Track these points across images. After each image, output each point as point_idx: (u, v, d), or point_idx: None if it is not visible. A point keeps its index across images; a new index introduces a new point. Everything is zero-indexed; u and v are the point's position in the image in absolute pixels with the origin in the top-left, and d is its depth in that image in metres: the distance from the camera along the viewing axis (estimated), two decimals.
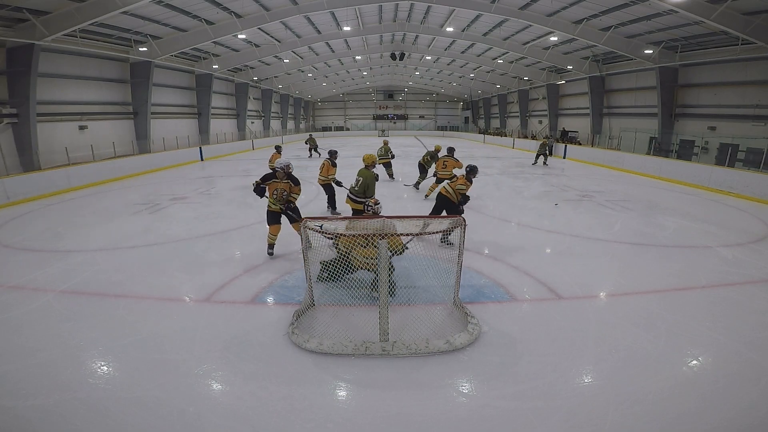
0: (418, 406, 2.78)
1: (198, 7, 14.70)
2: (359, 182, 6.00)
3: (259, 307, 4.24)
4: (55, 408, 2.75)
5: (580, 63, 21.78)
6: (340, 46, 25.63)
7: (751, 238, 6.61)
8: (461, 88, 41.00)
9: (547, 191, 10.82)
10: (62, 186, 11.26)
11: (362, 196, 5.99)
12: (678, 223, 7.61)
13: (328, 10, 16.69)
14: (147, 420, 2.64)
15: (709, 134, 15.90)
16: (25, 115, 12.50)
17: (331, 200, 8.10)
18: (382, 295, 3.33)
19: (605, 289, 4.68)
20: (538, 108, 30.69)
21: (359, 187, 5.99)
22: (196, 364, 3.22)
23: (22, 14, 11.40)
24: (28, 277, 5.05)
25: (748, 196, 9.86)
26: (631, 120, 20.37)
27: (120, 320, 3.96)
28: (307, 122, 47.79)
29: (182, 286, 4.80)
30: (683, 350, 3.42)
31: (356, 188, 6.06)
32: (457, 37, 21.46)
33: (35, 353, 3.38)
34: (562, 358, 3.28)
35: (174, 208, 9.03)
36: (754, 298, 4.39)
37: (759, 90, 14.03)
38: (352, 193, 6.11)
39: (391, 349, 3.34)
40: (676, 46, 16.14)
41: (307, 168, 16.27)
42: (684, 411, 2.69)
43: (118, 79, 17.14)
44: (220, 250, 6.11)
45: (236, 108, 28.81)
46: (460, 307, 3.92)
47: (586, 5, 14.47)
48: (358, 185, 6.02)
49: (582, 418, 2.63)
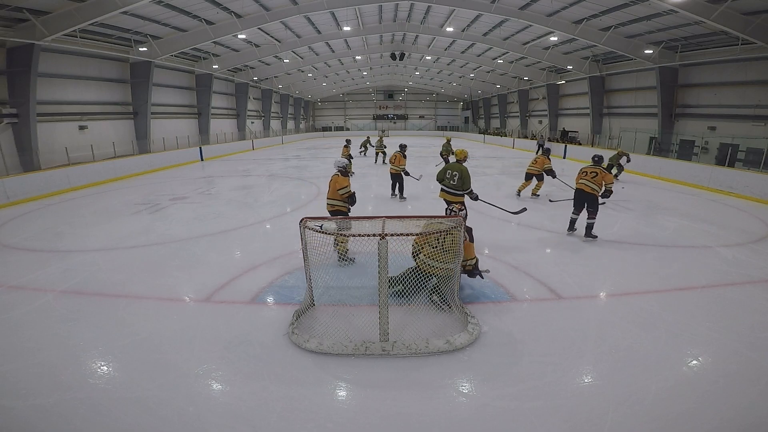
0: (418, 406, 2.78)
1: (198, 7, 14.70)
2: (455, 176, 6.12)
3: (259, 307, 4.24)
4: (55, 408, 2.75)
5: (580, 63, 21.78)
6: (340, 46, 25.62)
7: (751, 238, 6.61)
8: (461, 88, 40.99)
9: (547, 191, 10.81)
10: (62, 186, 11.26)
11: (460, 189, 6.11)
12: (678, 223, 7.61)
13: (328, 10, 16.68)
14: (147, 420, 2.64)
15: (709, 134, 15.90)
16: (25, 115, 12.50)
17: (401, 188, 9.49)
18: (382, 295, 3.33)
19: (605, 289, 4.68)
20: (538, 108, 30.68)
21: (456, 182, 6.13)
22: (196, 364, 3.22)
23: (22, 14, 11.40)
24: (28, 277, 5.05)
25: (748, 196, 9.86)
26: (631, 120, 20.37)
27: (120, 320, 3.96)
28: (307, 122, 47.77)
29: (182, 286, 4.80)
30: (683, 350, 3.42)
31: (453, 182, 6.17)
32: (457, 37, 21.45)
33: (35, 353, 3.38)
34: (562, 358, 3.28)
35: (174, 208, 9.04)
36: (754, 298, 4.39)
37: (759, 90, 14.03)
38: (448, 186, 6.22)
39: (391, 349, 3.34)
40: (676, 46, 16.14)
41: (306, 168, 16.28)
42: (684, 411, 2.69)
43: (118, 79, 17.13)
44: (220, 250, 6.11)
45: (236, 108, 28.81)
46: (460, 307, 3.92)
47: (586, 5, 14.47)
48: (455, 179, 6.14)
49: (582, 418, 2.63)
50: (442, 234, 3.80)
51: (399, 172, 9.47)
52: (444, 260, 3.88)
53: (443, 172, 6.29)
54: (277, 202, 9.58)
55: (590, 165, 6.50)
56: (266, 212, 8.57)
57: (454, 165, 6.24)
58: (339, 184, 5.51)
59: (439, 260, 3.91)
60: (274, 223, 7.78)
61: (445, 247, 3.81)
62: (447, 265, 3.89)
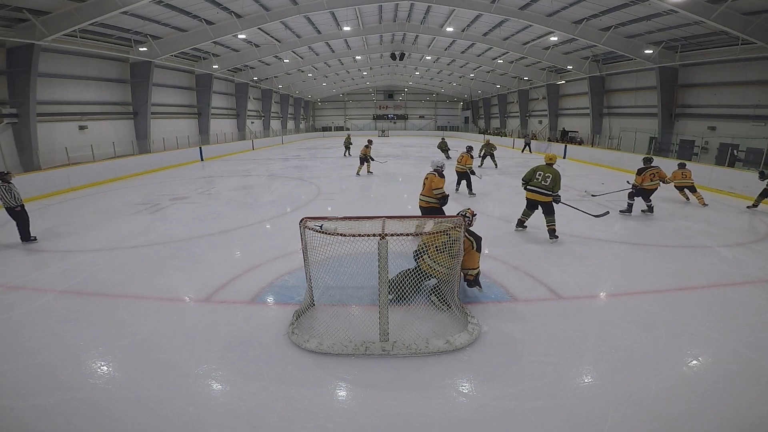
0: (418, 406, 2.78)
1: (198, 7, 14.70)
2: (548, 178, 6.30)
3: (259, 307, 4.24)
4: (55, 408, 2.74)
5: (580, 63, 21.78)
6: (340, 46, 25.62)
7: (751, 238, 6.61)
8: (461, 88, 40.99)
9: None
10: (62, 186, 11.26)
11: (550, 190, 6.28)
12: (678, 223, 7.61)
13: (328, 10, 16.68)
14: (147, 420, 2.64)
15: (709, 134, 15.90)
16: (25, 115, 12.50)
17: (468, 185, 10.23)
18: (382, 295, 3.33)
19: (605, 289, 4.68)
20: (538, 108, 30.68)
21: (549, 183, 6.32)
22: (196, 364, 3.22)
23: (22, 14, 11.40)
24: (28, 277, 5.05)
25: (748, 196, 9.85)
26: (631, 120, 20.37)
27: (120, 320, 3.95)
28: (307, 122, 47.77)
29: (182, 286, 4.80)
30: (683, 350, 3.42)
31: (545, 183, 6.34)
32: (457, 37, 21.46)
33: (35, 353, 3.38)
34: (562, 358, 3.28)
35: (174, 208, 9.04)
36: (754, 298, 4.39)
37: (759, 90, 14.03)
38: (539, 187, 6.38)
39: (391, 349, 3.34)
40: (676, 46, 16.14)
41: (306, 168, 16.28)
42: (684, 411, 2.69)
43: (118, 79, 17.13)
44: (220, 250, 6.11)
45: (236, 108, 28.81)
46: (460, 307, 3.92)
47: (586, 5, 14.47)
48: (548, 181, 6.32)
49: (582, 418, 2.63)
50: (450, 238, 3.83)
51: (465, 171, 10.13)
52: (448, 265, 3.90)
53: (532, 172, 6.50)
54: (277, 202, 9.58)
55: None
56: (266, 212, 8.57)
57: (545, 167, 6.43)
58: (435, 184, 5.94)
59: (442, 264, 3.93)
60: (274, 223, 7.78)
61: (452, 253, 3.84)
62: (449, 270, 3.91)
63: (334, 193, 10.70)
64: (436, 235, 3.96)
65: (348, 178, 13.29)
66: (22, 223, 6.50)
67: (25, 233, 6.53)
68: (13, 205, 6.32)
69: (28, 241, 6.53)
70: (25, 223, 6.53)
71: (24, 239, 6.52)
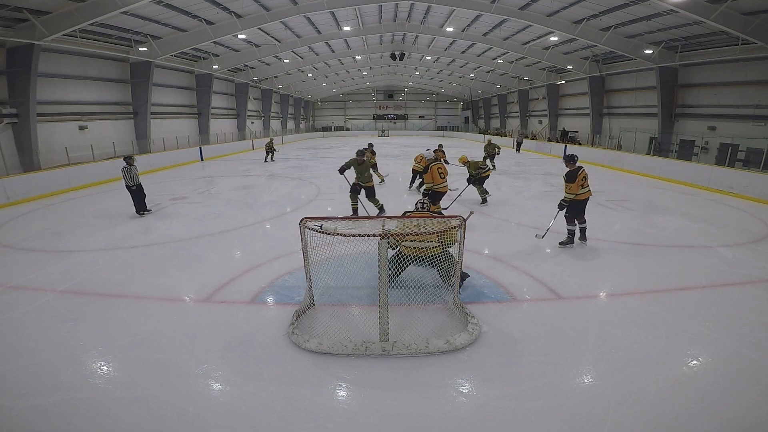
0: (418, 406, 2.78)
1: (198, 7, 14.70)
2: None
3: (259, 307, 4.24)
4: (55, 408, 2.75)
5: (580, 63, 21.78)
6: (340, 46, 25.62)
7: (751, 238, 6.61)
8: (461, 88, 41.00)
9: (547, 191, 10.82)
10: (62, 186, 11.26)
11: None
12: (678, 223, 7.61)
13: (328, 10, 16.69)
14: (147, 420, 2.64)
15: (709, 134, 15.90)
16: (25, 115, 12.51)
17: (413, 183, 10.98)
18: (382, 295, 3.33)
19: (605, 289, 4.68)
20: (538, 108, 30.68)
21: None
22: (196, 364, 3.22)
23: (22, 14, 11.40)
24: (28, 277, 5.05)
25: (748, 196, 9.86)
26: (631, 120, 20.37)
27: (120, 320, 3.96)
28: (307, 122, 47.78)
29: (182, 286, 4.80)
30: (683, 350, 3.42)
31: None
32: (457, 37, 21.46)
33: (35, 353, 3.38)
34: (562, 358, 3.27)
35: (174, 208, 9.04)
36: (754, 298, 4.39)
37: (759, 90, 14.03)
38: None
39: (391, 349, 3.34)
40: (676, 46, 16.14)
41: (306, 168, 16.28)
42: (684, 411, 2.69)
43: (118, 79, 17.14)
44: (220, 250, 6.11)
45: (236, 108, 28.82)
46: (460, 307, 3.92)
47: (586, 5, 14.47)
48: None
49: (582, 418, 2.63)
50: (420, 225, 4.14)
51: (420, 170, 10.63)
52: (428, 240, 4.12)
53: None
54: (277, 202, 9.58)
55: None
56: (266, 212, 8.57)
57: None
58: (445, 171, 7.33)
59: (429, 241, 4.12)
60: (274, 223, 7.78)
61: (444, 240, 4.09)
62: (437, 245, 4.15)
63: (334, 193, 10.70)
64: (409, 226, 4.25)
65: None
66: (136, 200, 8.07)
67: (139, 206, 8.13)
68: (130, 184, 7.90)
69: (140, 214, 8.12)
70: (140, 200, 8.10)
71: (138, 211, 8.13)
